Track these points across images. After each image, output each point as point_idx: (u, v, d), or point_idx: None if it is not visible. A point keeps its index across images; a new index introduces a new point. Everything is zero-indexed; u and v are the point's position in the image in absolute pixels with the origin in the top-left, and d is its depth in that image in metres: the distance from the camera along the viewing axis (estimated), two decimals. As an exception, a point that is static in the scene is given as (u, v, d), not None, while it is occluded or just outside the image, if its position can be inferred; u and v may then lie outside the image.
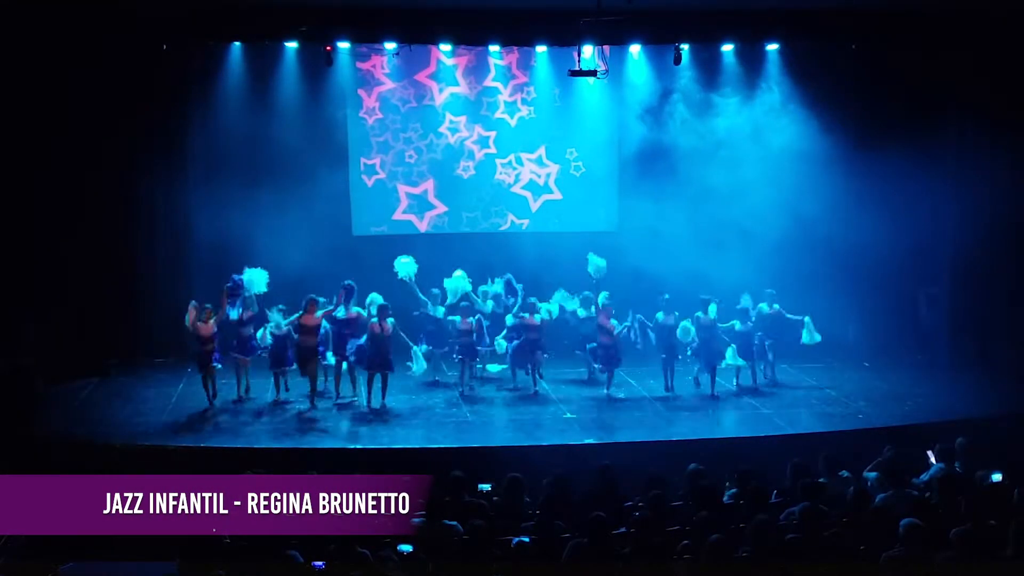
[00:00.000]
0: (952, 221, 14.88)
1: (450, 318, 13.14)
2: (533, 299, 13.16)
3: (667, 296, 13.14)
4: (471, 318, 13.04)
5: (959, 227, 14.75)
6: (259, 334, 12.46)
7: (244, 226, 14.30)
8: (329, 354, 12.53)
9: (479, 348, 13.22)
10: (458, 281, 13.20)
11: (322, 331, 12.38)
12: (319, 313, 12.20)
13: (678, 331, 12.77)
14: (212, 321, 12.09)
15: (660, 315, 12.96)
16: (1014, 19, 13.40)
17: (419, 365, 12.70)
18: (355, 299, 12.49)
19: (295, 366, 12.40)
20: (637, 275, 14.45)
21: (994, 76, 13.94)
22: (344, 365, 12.57)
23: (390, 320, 12.21)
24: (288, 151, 14.86)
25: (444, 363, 13.61)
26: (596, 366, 13.15)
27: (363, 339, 12.23)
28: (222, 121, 14.69)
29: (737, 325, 13.00)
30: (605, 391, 13.00)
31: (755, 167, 15.22)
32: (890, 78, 14.70)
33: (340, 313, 12.33)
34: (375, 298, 12.47)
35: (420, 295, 13.05)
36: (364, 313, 12.36)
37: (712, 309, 12.89)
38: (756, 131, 15.32)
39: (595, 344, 12.95)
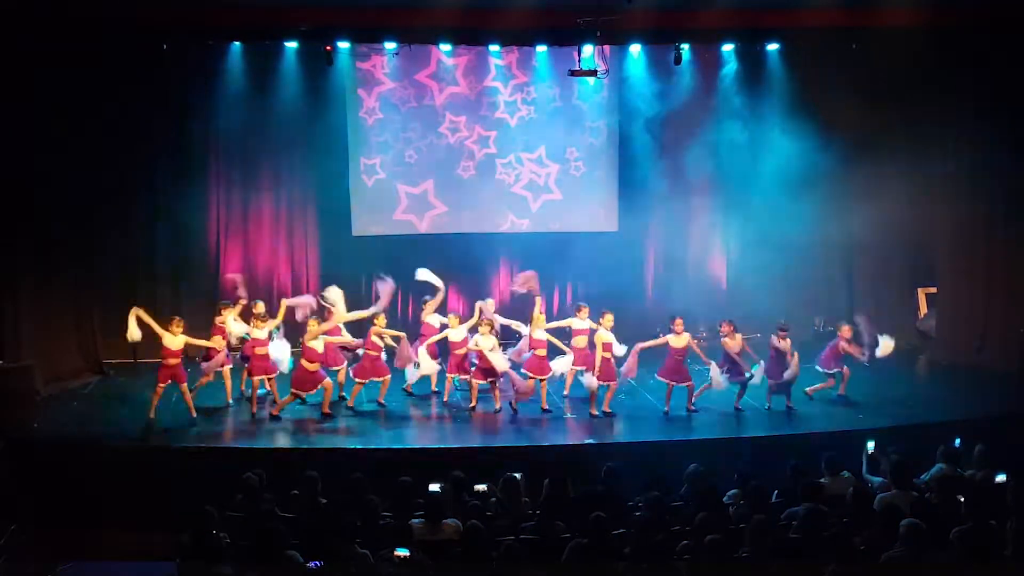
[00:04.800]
0: (950, 220, 14.87)
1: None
2: None
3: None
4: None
5: (958, 226, 14.75)
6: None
7: (244, 226, 14.30)
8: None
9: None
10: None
11: None
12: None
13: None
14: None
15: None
16: (1013, 22, 13.41)
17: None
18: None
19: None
20: (636, 275, 14.45)
21: (993, 76, 13.96)
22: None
23: None
24: (288, 151, 14.89)
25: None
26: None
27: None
28: (222, 121, 14.68)
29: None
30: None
31: (755, 167, 15.22)
32: (890, 78, 14.71)
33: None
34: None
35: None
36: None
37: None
38: (756, 131, 15.32)
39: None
